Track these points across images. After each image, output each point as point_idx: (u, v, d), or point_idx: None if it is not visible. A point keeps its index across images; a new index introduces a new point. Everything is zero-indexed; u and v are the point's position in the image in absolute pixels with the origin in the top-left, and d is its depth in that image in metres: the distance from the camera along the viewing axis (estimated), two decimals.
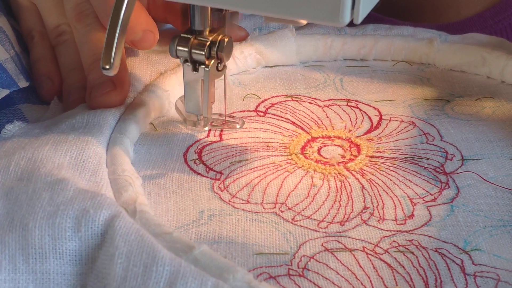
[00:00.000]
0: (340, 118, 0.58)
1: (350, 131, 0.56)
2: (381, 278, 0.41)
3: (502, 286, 0.40)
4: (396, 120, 0.58)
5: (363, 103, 0.60)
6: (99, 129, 0.49)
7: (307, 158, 0.52)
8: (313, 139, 0.55)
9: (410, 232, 0.45)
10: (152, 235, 0.40)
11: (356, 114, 0.59)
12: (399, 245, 0.44)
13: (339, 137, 0.55)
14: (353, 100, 0.61)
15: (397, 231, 0.45)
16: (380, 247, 0.43)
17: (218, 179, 0.50)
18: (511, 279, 0.41)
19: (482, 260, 0.42)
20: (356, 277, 0.41)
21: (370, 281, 0.41)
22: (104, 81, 0.53)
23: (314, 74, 0.66)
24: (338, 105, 0.60)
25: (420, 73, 0.66)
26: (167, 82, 0.58)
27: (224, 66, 0.52)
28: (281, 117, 0.58)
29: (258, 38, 0.66)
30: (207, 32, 0.51)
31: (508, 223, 0.45)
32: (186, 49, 0.50)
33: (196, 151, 0.53)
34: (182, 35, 0.51)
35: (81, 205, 0.39)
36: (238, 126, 0.56)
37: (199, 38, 0.51)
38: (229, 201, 0.48)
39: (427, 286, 0.40)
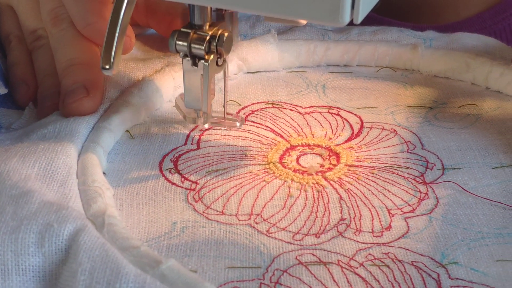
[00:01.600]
0: (321, 125, 0.57)
1: (330, 139, 0.55)
2: None
3: None
4: (377, 128, 0.57)
5: (344, 110, 0.59)
6: (70, 138, 0.48)
7: (285, 167, 0.51)
8: (293, 147, 0.54)
9: (387, 244, 0.44)
10: (119, 249, 0.39)
11: (337, 121, 0.58)
12: (375, 258, 0.43)
13: (319, 145, 0.54)
14: (334, 107, 0.60)
15: (373, 243, 0.44)
16: (356, 260, 0.42)
17: (193, 189, 0.49)
18: None
19: (459, 274, 0.41)
20: None
21: None
22: (77, 87, 0.52)
23: (296, 80, 0.65)
24: (319, 112, 0.59)
25: (404, 79, 0.65)
26: (144, 89, 0.57)
27: (224, 61, 0.52)
28: (261, 124, 0.57)
29: (239, 44, 0.65)
30: (207, 27, 0.50)
31: (487, 235, 0.44)
32: (185, 44, 0.50)
33: (172, 160, 0.52)
34: (182, 29, 0.50)
35: (45, 219, 0.38)
36: (238, 124, 0.55)
37: (198, 32, 0.50)
38: (203, 212, 0.47)
39: None
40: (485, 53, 0.66)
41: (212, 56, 0.50)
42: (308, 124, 0.57)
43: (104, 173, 0.49)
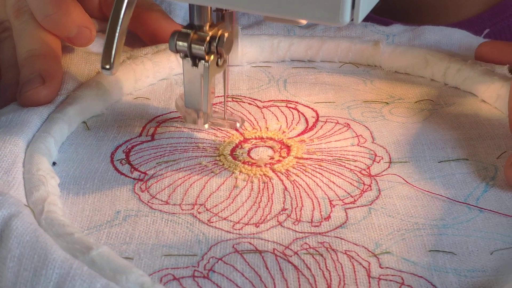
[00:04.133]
0: (277, 119, 0.58)
1: (284, 132, 0.56)
2: (285, 280, 0.41)
3: None
4: (331, 122, 0.58)
5: (302, 104, 0.60)
6: (20, 128, 0.49)
7: (235, 159, 0.52)
8: (246, 140, 0.55)
9: (323, 234, 0.45)
10: (54, 236, 0.40)
11: (293, 115, 0.59)
12: (310, 247, 0.43)
13: (271, 139, 0.55)
14: (292, 101, 0.61)
15: (311, 233, 0.45)
16: (291, 249, 0.43)
17: (142, 180, 0.50)
18: (414, 282, 0.41)
19: (390, 263, 0.42)
20: (261, 279, 0.41)
21: (274, 283, 0.41)
22: (33, 77, 0.54)
23: (259, 75, 0.65)
24: (277, 106, 0.60)
25: (364, 75, 0.65)
26: (103, 81, 0.58)
27: (224, 62, 0.52)
28: None
29: None
30: (207, 27, 0.51)
31: (423, 227, 0.45)
32: (185, 44, 0.50)
33: (124, 150, 0.53)
34: (182, 29, 0.50)
35: None
36: (238, 125, 0.55)
37: (199, 33, 0.50)
38: (148, 202, 0.47)
39: None
40: (446, 48, 0.67)
41: (212, 57, 0.51)
42: (264, 118, 0.58)
43: (54, 163, 0.50)
